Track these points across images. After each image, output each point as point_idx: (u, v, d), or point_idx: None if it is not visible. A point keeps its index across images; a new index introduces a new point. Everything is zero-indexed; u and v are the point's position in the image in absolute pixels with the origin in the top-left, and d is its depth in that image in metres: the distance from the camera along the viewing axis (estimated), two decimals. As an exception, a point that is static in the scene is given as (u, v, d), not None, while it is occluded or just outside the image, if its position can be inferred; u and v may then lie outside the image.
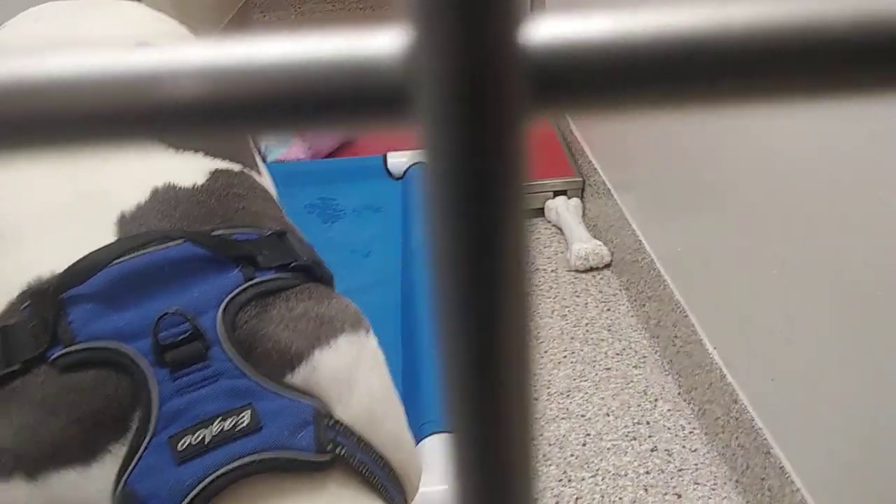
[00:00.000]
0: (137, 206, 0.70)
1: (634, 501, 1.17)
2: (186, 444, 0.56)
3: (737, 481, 1.20)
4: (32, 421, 0.58)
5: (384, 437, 0.65)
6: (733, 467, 1.22)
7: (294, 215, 0.81)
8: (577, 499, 1.18)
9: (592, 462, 1.25)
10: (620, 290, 1.62)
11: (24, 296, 0.63)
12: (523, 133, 0.11)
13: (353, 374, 0.66)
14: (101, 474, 0.57)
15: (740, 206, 1.18)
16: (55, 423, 0.57)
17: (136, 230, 0.67)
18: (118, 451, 0.57)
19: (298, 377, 0.63)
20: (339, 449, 0.60)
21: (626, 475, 1.22)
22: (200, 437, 0.57)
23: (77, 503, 0.56)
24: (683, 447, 1.28)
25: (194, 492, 0.55)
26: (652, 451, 1.27)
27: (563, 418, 1.34)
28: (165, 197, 0.71)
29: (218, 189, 0.75)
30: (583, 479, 1.21)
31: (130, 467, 0.56)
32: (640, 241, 1.55)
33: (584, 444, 1.28)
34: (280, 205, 0.83)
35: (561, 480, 1.21)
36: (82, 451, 0.57)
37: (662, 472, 1.23)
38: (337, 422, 0.62)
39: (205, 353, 0.60)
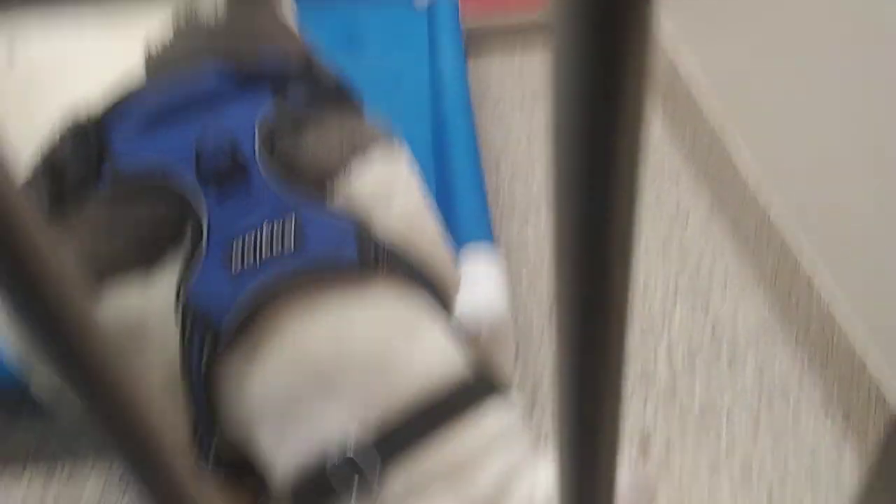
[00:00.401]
0: (164, 42, 0.71)
1: (663, 314, 1.23)
2: (237, 258, 0.60)
3: (765, 291, 1.25)
4: (91, 244, 0.62)
5: (422, 247, 0.68)
6: (762, 277, 1.26)
7: (318, 48, 0.82)
8: (609, 311, 1.24)
9: (624, 277, 1.30)
10: (654, 109, 1.61)
11: (65, 130, 0.66)
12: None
13: (390, 189, 0.68)
14: (161, 288, 0.62)
15: (777, 18, 1.14)
16: (114, 244, 0.61)
17: (165, 64, 0.69)
18: (175, 267, 0.61)
19: (337, 194, 0.65)
20: (381, 260, 0.64)
21: (655, 289, 1.27)
22: (250, 252, 0.60)
23: (139, 316, 0.61)
24: (714, 260, 1.32)
25: (248, 303, 0.59)
26: (682, 265, 1.31)
27: (595, 239, 1.38)
28: (191, 32, 0.72)
29: (242, 22, 0.75)
30: (615, 294, 1.27)
31: (189, 281, 0.60)
32: (674, 59, 1.51)
33: (616, 262, 1.33)
34: (303, 36, 0.83)
35: (594, 295, 1.27)
36: (142, 267, 0.61)
37: (692, 284, 1.28)
38: (377, 234, 0.65)
39: (246, 173, 0.62)
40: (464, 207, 1.05)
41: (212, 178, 0.62)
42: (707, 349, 1.16)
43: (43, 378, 0.68)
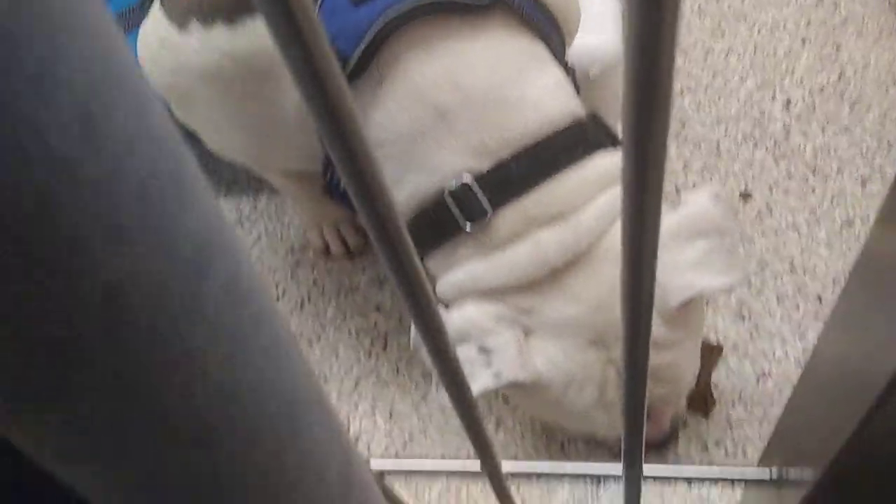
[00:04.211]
0: None
1: (788, 53, 1.16)
2: None
3: (906, 34, 1.15)
4: None
5: None
6: (905, 19, 1.15)
7: None
8: (727, 52, 1.18)
9: (751, 15, 1.21)
10: None
11: None
12: None
13: None
14: None
15: None
16: None
17: None
18: None
19: None
20: None
21: (784, 27, 1.19)
22: None
23: (272, 54, 0.63)
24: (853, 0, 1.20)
25: (372, 31, 0.60)
26: (818, 2, 1.21)
27: (724, -30, 1.27)
28: None
29: None
30: (737, 34, 1.19)
31: (316, 8, 0.61)
32: None
33: (743, 1, 1.23)
34: None
35: (713, 34, 1.20)
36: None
37: (825, 24, 1.18)
38: None
39: None
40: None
41: None
42: (829, 97, 1.11)
43: None
